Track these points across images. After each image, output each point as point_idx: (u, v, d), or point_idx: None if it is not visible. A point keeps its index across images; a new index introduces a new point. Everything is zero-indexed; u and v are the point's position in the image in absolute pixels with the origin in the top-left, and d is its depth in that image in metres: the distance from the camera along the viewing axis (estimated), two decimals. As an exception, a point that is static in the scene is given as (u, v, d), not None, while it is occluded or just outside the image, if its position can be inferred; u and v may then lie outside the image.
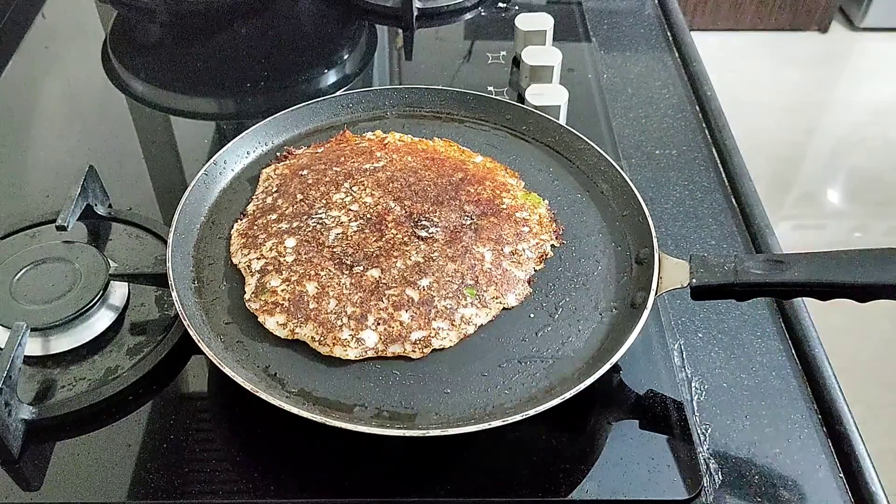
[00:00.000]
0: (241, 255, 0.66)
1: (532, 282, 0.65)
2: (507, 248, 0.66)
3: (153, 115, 0.95)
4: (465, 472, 0.58)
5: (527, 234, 0.67)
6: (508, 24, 1.01)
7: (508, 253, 0.65)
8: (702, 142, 0.89)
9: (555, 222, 0.70)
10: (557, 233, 0.69)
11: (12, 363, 0.57)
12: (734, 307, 0.70)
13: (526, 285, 0.64)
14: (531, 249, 0.67)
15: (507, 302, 0.63)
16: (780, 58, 2.71)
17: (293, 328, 0.60)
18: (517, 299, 0.63)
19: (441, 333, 0.60)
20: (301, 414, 0.53)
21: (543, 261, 0.67)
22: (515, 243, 0.66)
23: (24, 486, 0.57)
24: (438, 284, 0.62)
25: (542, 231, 0.69)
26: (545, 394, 0.57)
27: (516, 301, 0.63)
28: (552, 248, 0.68)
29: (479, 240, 0.66)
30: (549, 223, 0.70)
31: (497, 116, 0.81)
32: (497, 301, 0.63)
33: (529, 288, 0.64)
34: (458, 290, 0.62)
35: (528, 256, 0.66)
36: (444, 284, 0.62)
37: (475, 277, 0.63)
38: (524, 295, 0.64)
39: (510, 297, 0.63)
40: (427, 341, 0.60)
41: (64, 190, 0.72)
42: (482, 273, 0.64)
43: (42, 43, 1.04)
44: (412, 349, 0.59)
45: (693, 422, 0.61)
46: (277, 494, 0.56)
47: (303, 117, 0.80)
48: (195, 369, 0.64)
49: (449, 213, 0.68)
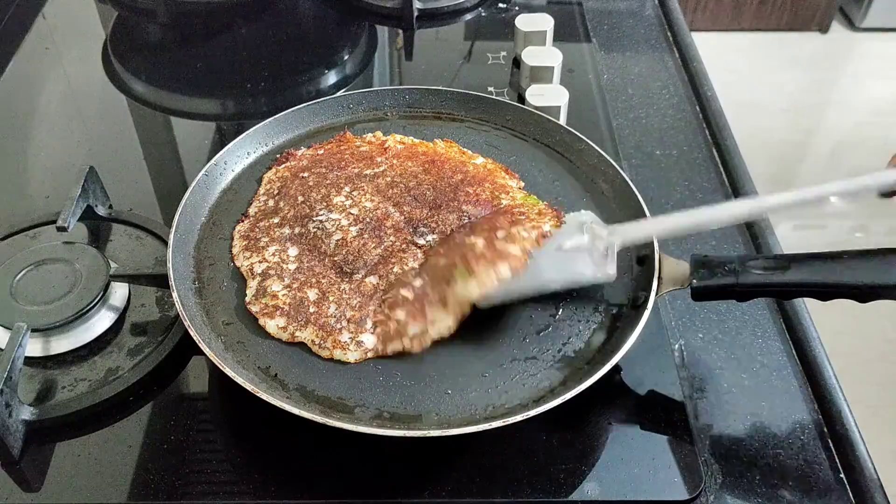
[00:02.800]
0: (244, 258, 0.66)
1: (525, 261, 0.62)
2: (500, 233, 0.64)
3: (153, 116, 0.95)
4: (466, 472, 0.58)
5: (523, 221, 0.66)
6: (508, 24, 1.01)
7: (502, 237, 0.63)
8: (702, 142, 0.89)
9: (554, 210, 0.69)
10: (559, 214, 0.68)
11: (13, 364, 0.57)
12: (734, 307, 0.70)
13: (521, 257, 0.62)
14: (527, 230, 0.64)
15: (500, 272, 0.60)
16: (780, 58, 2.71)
17: (293, 331, 0.60)
18: (511, 269, 0.61)
19: (437, 322, 0.60)
20: (302, 414, 0.53)
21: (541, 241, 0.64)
22: (509, 228, 0.64)
23: (25, 486, 0.57)
24: (431, 280, 0.62)
25: (540, 220, 0.67)
26: (545, 394, 0.57)
27: (510, 272, 0.61)
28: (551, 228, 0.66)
29: (472, 233, 0.65)
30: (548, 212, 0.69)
31: (497, 117, 0.81)
32: (488, 272, 0.60)
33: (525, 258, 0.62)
34: (450, 276, 0.61)
35: (523, 236, 0.64)
36: (435, 278, 0.62)
37: (467, 263, 0.62)
38: (519, 265, 0.61)
39: (503, 268, 0.61)
40: (424, 332, 0.60)
41: (64, 191, 0.72)
42: (473, 257, 0.62)
43: (42, 43, 1.04)
44: (411, 344, 0.59)
45: (693, 422, 0.61)
46: (278, 495, 0.56)
47: (303, 118, 0.80)
48: (196, 370, 0.64)
49: (447, 216, 0.68)
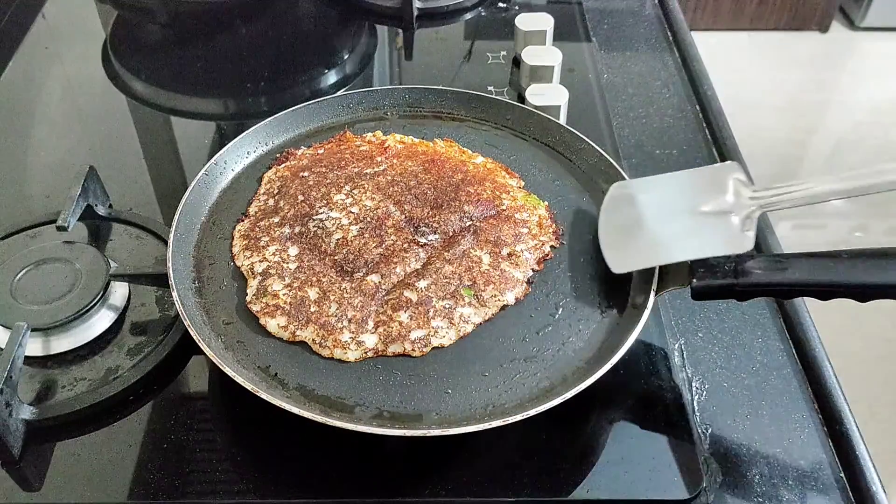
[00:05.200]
0: (244, 258, 0.66)
1: (532, 282, 0.65)
2: (504, 251, 0.66)
3: (153, 115, 0.95)
4: (466, 472, 0.58)
5: (525, 236, 0.67)
6: (508, 24, 1.01)
7: (506, 255, 0.66)
8: (702, 141, 0.89)
9: (554, 223, 0.70)
10: (557, 233, 0.69)
11: (13, 363, 0.57)
12: (734, 307, 0.70)
13: (525, 285, 0.64)
14: (529, 251, 0.67)
15: (505, 300, 0.63)
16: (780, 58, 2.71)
17: (294, 330, 0.60)
18: (516, 297, 0.64)
19: (440, 332, 0.60)
20: (302, 414, 0.53)
21: (543, 262, 0.67)
22: (514, 244, 0.66)
23: (25, 486, 0.57)
24: (436, 286, 0.62)
25: (541, 233, 0.68)
26: (545, 394, 0.57)
27: (515, 300, 0.63)
28: (552, 249, 0.68)
29: (477, 243, 0.66)
30: (548, 225, 0.69)
31: (497, 116, 0.81)
32: (496, 300, 0.63)
33: (528, 287, 0.64)
34: (456, 290, 0.63)
35: (526, 258, 0.66)
36: (441, 286, 0.63)
37: (473, 279, 0.63)
38: (523, 293, 0.64)
39: (509, 295, 0.63)
40: (426, 340, 0.60)
41: (64, 190, 0.72)
42: (480, 274, 0.64)
43: (42, 43, 1.04)
44: (412, 348, 0.60)
45: (693, 422, 0.62)
46: (278, 494, 0.56)
47: (303, 117, 0.80)
48: (196, 369, 0.64)
49: (449, 216, 0.68)
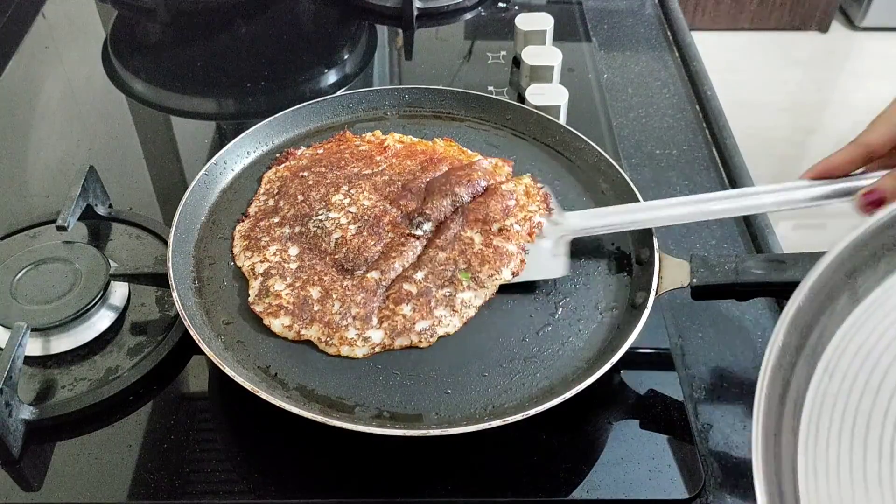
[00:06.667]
0: (245, 258, 0.66)
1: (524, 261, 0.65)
2: (495, 226, 0.66)
3: (153, 115, 0.94)
4: (466, 472, 0.58)
5: (514, 209, 0.68)
6: (508, 24, 1.01)
7: (497, 231, 0.66)
8: (702, 141, 0.89)
9: (539, 190, 0.70)
10: (546, 199, 0.69)
11: (13, 363, 0.57)
12: (734, 307, 0.70)
13: (520, 259, 0.65)
14: (519, 223, 0.67)
15: (503, 277, 0.64)
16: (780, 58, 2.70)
17: (299, 329, 0.60)
18: (513, 272, 0.64)
19: (444, 321, 0.61)
20: (302, 414, 0.53)
21: (535, 233, 0.67)
22: (503, 220, 0.67)
23: (25, 486, 0.57)
24: (433, 275, 0.63)
25: (529, 202, 0.69)
26: (545, 394, 0.57)
27: (511, 275, 0.64)
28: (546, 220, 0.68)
29: (466, 223, 0.66)
30: (535, 193, 0.70)
31: (497, 116, 0.81)
32: (493, 279, 0.63)
33: (523, 263, 0.65)
34: (453, 275, 0.63)
35: (517, 230, 0.66)
36: (438, 274, 0.63)
37: (468, 261, 0.64)
38: (518, 267, 0.64)
39: (505, 272, 0.64)
40: (432, 330, 0.61)
41: (64, 190, 0.72)
42: (474, 255, 0.64)
43: (42, 43, 1.04)
44: (419, 339, 0.60)
45: (693, 422, 0.62)
46: (278, 494, 0.56)
47: (303, 117, 0.80)
48: (195, 369, 0.64)
49: (440, 201, 0.68)
